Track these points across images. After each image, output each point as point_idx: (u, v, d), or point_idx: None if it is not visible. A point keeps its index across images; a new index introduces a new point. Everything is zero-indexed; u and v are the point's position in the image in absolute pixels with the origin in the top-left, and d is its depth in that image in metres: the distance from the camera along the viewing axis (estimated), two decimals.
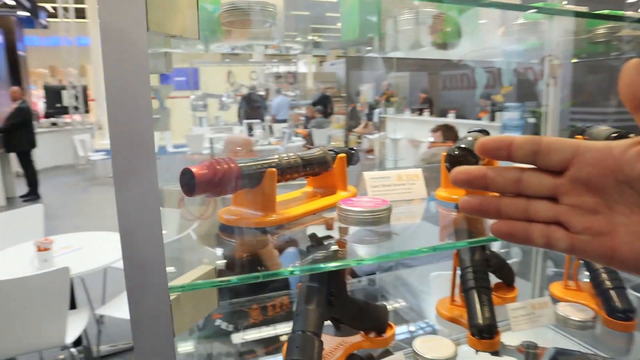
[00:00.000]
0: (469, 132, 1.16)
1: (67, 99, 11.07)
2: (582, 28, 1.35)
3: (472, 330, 1.02)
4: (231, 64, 12.91)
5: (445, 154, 0.91)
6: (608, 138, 1.14)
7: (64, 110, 11.16)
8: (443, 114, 8.64)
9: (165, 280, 0.52)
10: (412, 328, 2.27)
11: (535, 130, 6.47)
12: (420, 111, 8.95)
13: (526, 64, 7.36)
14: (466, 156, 0.86)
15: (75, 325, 2.62)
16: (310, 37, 1.38)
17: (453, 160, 0.87)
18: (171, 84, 14.27)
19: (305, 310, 0.91)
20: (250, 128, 7.44)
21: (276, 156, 0.85)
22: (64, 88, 11.36)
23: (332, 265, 0.67)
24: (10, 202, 7.64)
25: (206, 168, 0.72)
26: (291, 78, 13.20)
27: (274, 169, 0.79)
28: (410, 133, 8.02)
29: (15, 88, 7.69)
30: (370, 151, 9.66)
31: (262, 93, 11.63)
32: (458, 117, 8.17)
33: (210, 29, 0.86)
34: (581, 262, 1.29)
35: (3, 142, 7.47)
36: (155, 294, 0.52)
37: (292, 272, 0.64)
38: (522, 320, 1.11)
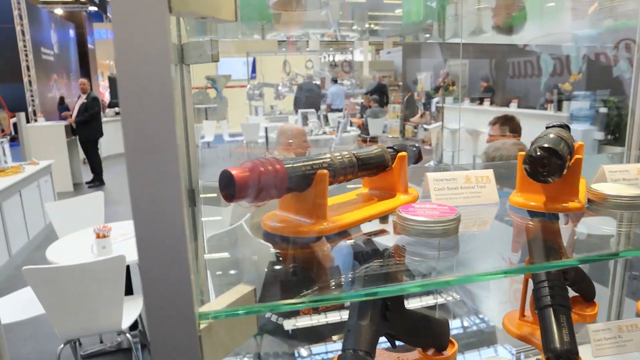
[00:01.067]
0: (547, 126, 1.02)
1: None
2: None
3: (547, 355, 0.90)
4: (287, 53, 12.91)
5: (523, 154, 0.79)
6: None
7: None
8: (505, 103, 8.24)
9: (192, 306, 0.44)
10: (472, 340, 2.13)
11: (608, 120, 6.03)
12: (481, 100, 8.59)
13: (598, 49, 6.88)
14: (551, 158, 0.73)
15: (131, 311, 2.67)
16: (367, 25, 1.29)
17: (535, 162, 0.75)
18: (229, 74, 14.52)
19: (358, 327, 0.82)
20: (305, 117, 7.39)
21: (328, 155, 0.76)
22: None
23: (388, 290, 0.57)
24: (77, 188, 7.99)
25: (248, 170, 0.64)
26: (347, 67, 13.04)
27: (326, 171, 0.70)
28: (470, 123, 7.71)
29: (83, 80, 8.00)
30: (426, 142, 9.40)
31: (317, 82, 11.56)
32: (521, 106, 7.77)
33: (259, 12, 0.77)
34: None
35: (77, 132, 7.84)
36: (180, 323, 0.44)
37: (340, 299, 0.55)
38: (607, 345, 0.97)
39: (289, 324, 2.57)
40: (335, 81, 11.18)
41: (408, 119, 11.06)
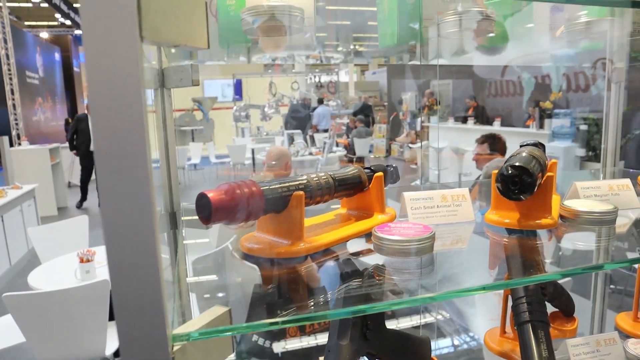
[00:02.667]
0: (521, 145, 1.05)
1: None
2: None
3: None
4: (273, 75, 13.01)
5: (495, 172, 0.81)
6: None
7: None
8: (489, 121, 8.37)
9: (164, 328, 0.44)
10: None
11: (588, 137, 6.14)
12: (465, 119, 8.71)
13: (577, 69, 7.04)
14: (522, 176, 0.75)
15: (115, 337, 2.61)
16: (352, 46, 1.32)
17: (507, 181, 0.77)
18: (215, 96, 14.56)
19: (338, 347, 0.82)
20: (291, 138, 7.42)
21: (304, 177, 0.77)
22: None
23: (362, 308, 0.58)
24: (62, 212, 7.89)
25: (224, 193, 0.65)
26: (332, 87, 13.17)
27: (302, 192, 0.71)
28: (454, 142, 7.80)
29: None
30: (412, 161, 9.47)
31: (307, 103, 11.65)
32: (504, 124, 7.90)
33: (234, 37, 0.79)
34: None
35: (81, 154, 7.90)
36: (152, 345, 0.44)
37: (315, 319, 0.55)
38: (586, 359, 0.98)
39: (278, 347, 2.54)
40: (321, 102, 11.27)
41: (394, 138, 11.16)
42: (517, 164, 0.76)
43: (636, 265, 1.22)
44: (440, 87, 10.53)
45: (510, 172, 0.75)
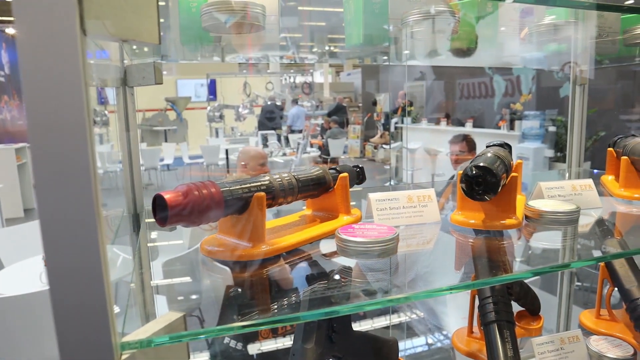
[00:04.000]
0: (487, 145, 1.05)
1: None
2: (614, 29, 1.23)
3: None
4: (248, 75, 12.93)
5: (460, 172, 0.80)
6: None
7: None
8: (461, 123, 8.47)
9: (109, 337, 0.42)
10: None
11: (557, 138, 6.27)
12: (438, 121, 8.81)
13: (546, 71, 7.19)
14: (485, 176, 0.75)
15: None
16: (327, 47, 1.31)
17: (470, 181, 0.76)
18: (189, 95, 14.40)
19: (302, 350, 0.80)
20: (265, 139, 7.37)
21: (267, 178, 0.76)
22: None
23: (321, 312, 0.57)
24: (28, 214, 7.68)
25: (181, 194, 0.63)
26: (307, 88, 13.16)
27: (263, 193, 0.70)
28: (427, 143, 7.88)
29: None
30: (386, 162, 9.53)
31: (279, 103, 11.60)
32: (476, 126, 8.01)
33: (196, 35, 0.77)
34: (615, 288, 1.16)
35: None
36: (96, 354, 0.42)
37: (268, 323, 0.53)
38: (550, 357, 0.99)
39: (252, 349, 2.51)
40: (295, 102, 11.25)
41: (368, 139, 11.21)
42: (481, 164, 0.75)
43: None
44: (414, 88, 10.62)
45: (474, 172, 0.75)
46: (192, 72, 14.37)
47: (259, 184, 0.72)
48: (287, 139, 9.32)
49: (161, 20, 0.93)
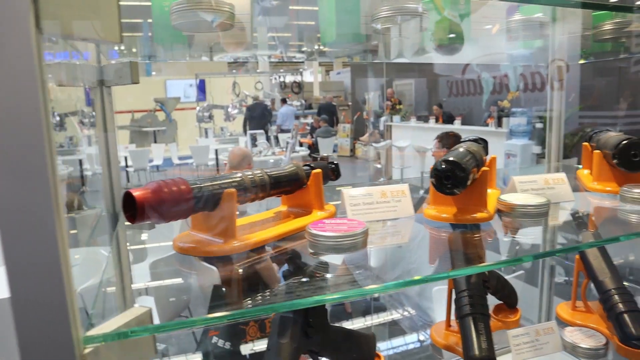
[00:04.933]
0: (462, 140, 1.07)
1: None
2: (588, 26, 1.25)
3: None
4: (237, 75, 12.89)
5: (432, 167, 0.81)
6: (618, 145, 1.03)
7: None
8: (450, 120, 8.52)
9: (69, 331, 0.42)
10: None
11: (543, 135, 6.32)
12: (426, 119, 8.84)
13: (533, 69, 7.25)
14: (454, 170, 0.76)
15: None
16: (315, 47, 1.32)
17: (440, 175, 0.77)
18: (178, 96, 14.33)
19: (277, 345, 0.81)
20: (254, 139, 7.37)
21: (238, 175, 0.76)
22: None
23: (286, 304, 0.58)
24: None
25: (151, 191, 0.63)
26: (296, 87, 13.15)
27: (233, 190, 0.70)
28: (416, 141, 7.91)
29: None
30: (376, 160, 9.55)
31: (267, 103, 11.58)
32: (464, 123, 8.06)
33: (166, 32, 0.77)
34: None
35: None
36: (56, 349, 0.42)
37: (238, 316, 0.54)
38: (525, 349, 1.00)
39: (243, 349, 2.52)
40: (284, 102, 11.24)
41: (358, 138, 11.22)
42: (450, 158, 0.77)
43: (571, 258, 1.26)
44: (402, 86, 10.66)
45: (443, 167, 0.76)
46: (181, 73, 14.31)
47: (229, 180, 0.73)
48: (276, 138, 9.31)
49: (149, 20, 0.94)
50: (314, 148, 9.78)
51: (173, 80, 14.88)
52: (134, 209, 0.62)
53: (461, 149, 0.86)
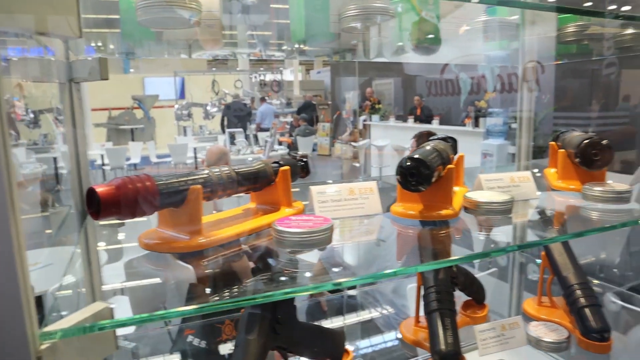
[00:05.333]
0: (430, 138, 1.09)
1: None
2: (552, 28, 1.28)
3: (434, 357, 0.93)
4: (216, 73, 12.80)
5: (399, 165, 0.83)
6: (580, 144, 1.06)
7: None
8: (428, 120, 8.60)
9: (24, 327, 0.42)
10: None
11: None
12: (405, 118, 8.91)
13: (510, 70, 7.36)
14: (419, 168, 0.78)
15: None
16: (295, 45, 1.32)
17: (405, 172, 0.79)
18: (156, 93, 14.17)
19: (245, 342, 0.82)
20: (232, 137, 7.33)
21: (205, 171, 0.76)
22: None
23: (248, 299, 0.58)
24: None
25: (114, 187, 0.63)
26: (276, 86, 13.12)
27: (199, 186, 0.70)
28: (395, 140, 7.96)
29: None
30: (355, 159, 9.59)
31: (246, 101, 11.53)
32: (442, 123, 8.14)
33: (133, 28, 0.77)
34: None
35: None
36: (11, 345, 0.42)
37: (193, 312, 0.55)
38: (491, 343, 1.02)
39: (222, 348, 2.50)
40: (264, 100, 11.19)
41: (337, 137, 11.25)
42: (415, 156, 0.78)
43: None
44: (382, 86, 10.72)
45: (408, 164, 0.78)
46: (160, 70, 14.16)
47: (196, 177, 0.73)
48: (255, 137, 9.28)
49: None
50: (293, 147, 9.78)
51: (151, 77, 14.72)
52: (96, 205, 0.62)
53: (428, 147, 0.88)
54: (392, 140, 8.14)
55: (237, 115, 9.88)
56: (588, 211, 0.99)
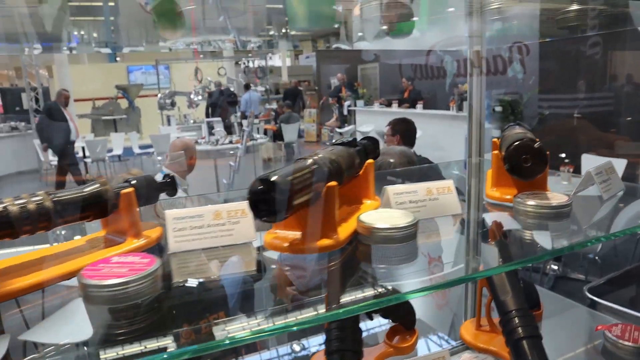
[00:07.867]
0: (334, 142, 0.91)
1: (27, 101, 10.53)
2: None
3: None
4: (200, 60, 12.50)
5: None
6: (509, 146, 0.88)
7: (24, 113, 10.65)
8: (413, 104, 8.41)
9: None
10: None
11: (503, 118, 6.25)
12: (389, 103, 8.71)
13: (494, 51, 7.16)
14: (269, 192, 0.59)
15: None
16: (283, 30, 1.20)
17: (252, 199, 0.60)
18: (140, 83, 13.90)
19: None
20: (211, 127, 7.12)
21: (5, 203, 0.59)
22: (23, 90, 10.83)
23: None
24: None
25: None
26: (260, 72, 12.83)
27: None
28: (380, 126, 7.78)
29: None
30: None
31: (232, 89, 11.27)
32: (427, 107, 7.96)
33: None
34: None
35: None
36: None
37: None
38: None
39: None
40: (247, 87, 10.93)
41: (324, 123, 11.05)
42: (270, 178, 0.60)
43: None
44: (367, 70, 10.49)
45: (257, 187, 0.60)
46: (144, 59, 13.88)
47: None
48: (240, 125, 9.07)
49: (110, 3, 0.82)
50: (278, 134, 9.57)
51: (135, 65, 14.41)
52: None
53: (307, 161, 0.70)
54: (376, 126, 7.96)
55: (222, 104, 9.66)
56: (516, 233, 0.82)
